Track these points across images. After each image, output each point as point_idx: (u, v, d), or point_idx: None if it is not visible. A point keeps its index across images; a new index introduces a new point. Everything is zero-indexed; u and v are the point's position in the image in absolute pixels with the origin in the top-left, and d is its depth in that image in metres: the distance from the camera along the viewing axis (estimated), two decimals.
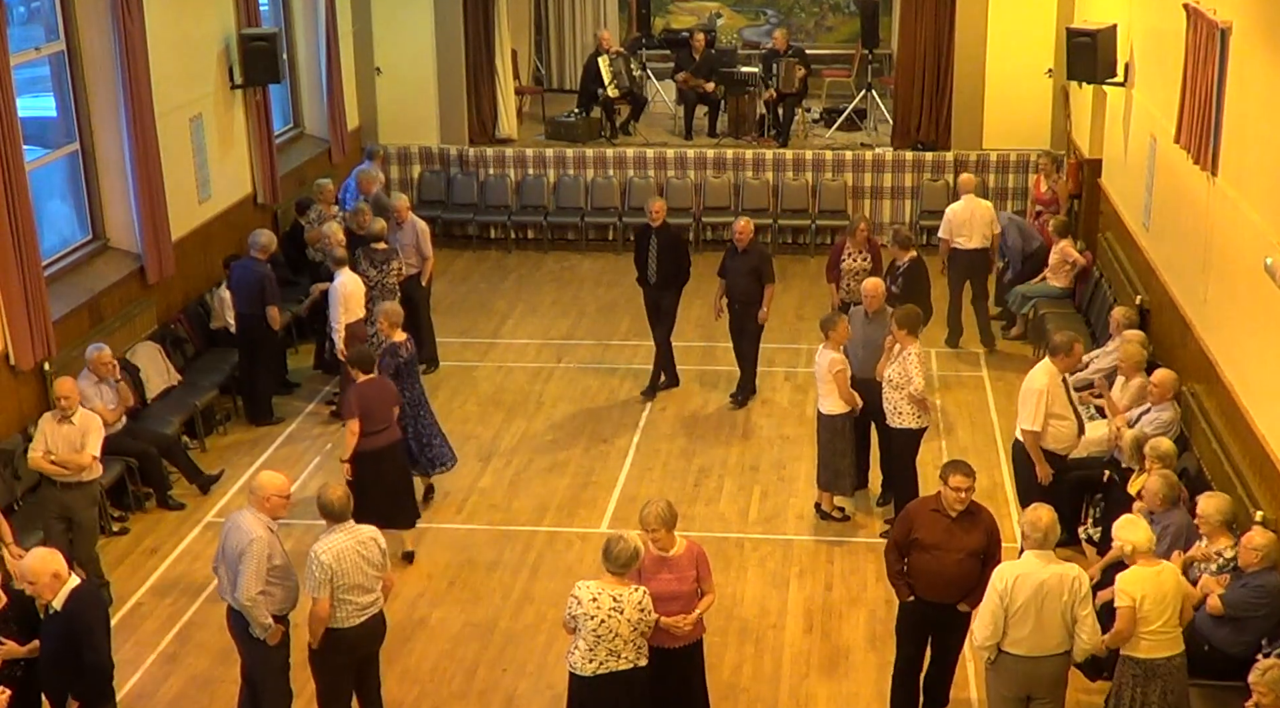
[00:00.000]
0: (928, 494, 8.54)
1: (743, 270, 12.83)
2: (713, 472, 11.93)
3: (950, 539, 7.95)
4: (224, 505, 11.34)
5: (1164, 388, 10.09)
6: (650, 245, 13.06)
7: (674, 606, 7.72)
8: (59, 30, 12.08)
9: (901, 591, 8.21)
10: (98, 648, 7.32)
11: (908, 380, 10.31)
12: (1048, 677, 7.53)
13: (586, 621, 7.32)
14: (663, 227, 13.05)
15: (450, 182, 18.33)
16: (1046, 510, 7.59)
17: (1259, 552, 7.91)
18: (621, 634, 7.35)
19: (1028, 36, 17.12)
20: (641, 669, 7.51)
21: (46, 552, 7.44)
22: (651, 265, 13.06)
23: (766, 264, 12.90)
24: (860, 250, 13.29)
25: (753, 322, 12.92)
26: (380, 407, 10.28)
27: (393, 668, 9.08)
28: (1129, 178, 13.44)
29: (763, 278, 12.81)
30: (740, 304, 12.93)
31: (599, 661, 7.38)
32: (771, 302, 12.95)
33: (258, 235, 12.83)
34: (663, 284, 13.12)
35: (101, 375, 10.82)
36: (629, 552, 7.37)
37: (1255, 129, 9.25)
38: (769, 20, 22.37)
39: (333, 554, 7.69)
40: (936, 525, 7.98)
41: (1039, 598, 7.32)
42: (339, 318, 12.39)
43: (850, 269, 13.30)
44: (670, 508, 7.77)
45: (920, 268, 12.76)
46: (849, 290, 13.18)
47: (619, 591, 7.36)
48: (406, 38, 18.10)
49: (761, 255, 12.97)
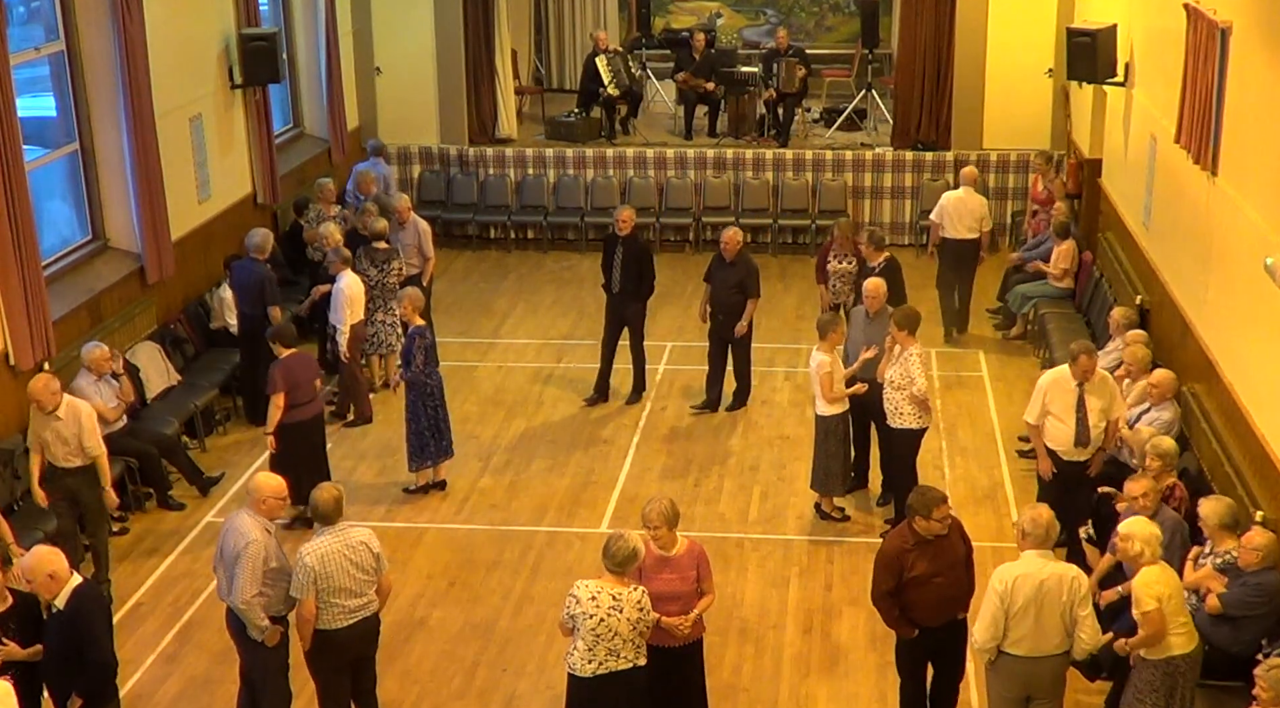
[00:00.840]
0: (896, 532, 8.10)
1: (729, 282, 12.68)
2: (713, 472, 11.93)
3: (941, 561, 7.84)
4: (224, 506, 11.34)
5: (1164, 388, 10.10)
6: (616, 254, 12.85)
7: (674, 605, 7.71)
8: (59, 30, 12.07)
9: (905, 629, 8.00)
10: (100, 646, 7.33)
11: (910, 381, 10.30)
12: (1047, 677, 7.53)
13: (585, 620, 7.30)
14: (630, 236, 12.84)
15: (450, 182, 18.33)
16: (1045, 509, 7.59)
17: (1259, 552, 7.92)
18: (621, 634, 7.34)
19: (1028, 36, 17.12)
20: (641, 669, 7.50)
21: (46, 551, 7.44)
22: (616, 274, 12.84)
23: (752, 278, 12.71)
24: (846, 253, 13.33)
25: (733, 335, 12.79)
26: (305, 381, 10.79)
27: (393, 668, 9.09)
28: (1129, 178, 13.44)
29: (746, 291, 12.67)
30: (724, 315, 12.79)
31: (598, 661, 7.36)
32: (751, 316, 12.75)
33: (253, 236, 12.82)
34: (625, 295, 12.90)
35: (100, 373, 10.82)
36: (627, 550, 7.35)
37: (1255, 129, 9.25)
38: (769, 20, 22.37)
39: (317, 557, 7.68)
40: (924, 556, 7.81)
41: (1039, 598, 7.32)
42: (345, 319, 12.40)
43: (836, 271, 13.40)
44: (673, 506, 7.77)
45: (895, 268, 12.66)
46: (836, 292, 13.40)
47: (618, 590, 7.35)
48: (406, 38, 18.11)
49: (748, 268, 12.73)
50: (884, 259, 12.74)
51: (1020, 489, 11.41)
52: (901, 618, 7.95)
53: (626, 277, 12.81)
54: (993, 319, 15.04)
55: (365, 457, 12.27)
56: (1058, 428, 9.85)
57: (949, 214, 14.43)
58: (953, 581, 7.88)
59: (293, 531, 10.51)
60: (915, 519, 7.80)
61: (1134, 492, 8.62)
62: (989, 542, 10.32)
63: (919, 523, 7.78)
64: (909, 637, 8.02)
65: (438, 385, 11.44)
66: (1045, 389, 9.89)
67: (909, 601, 7.88)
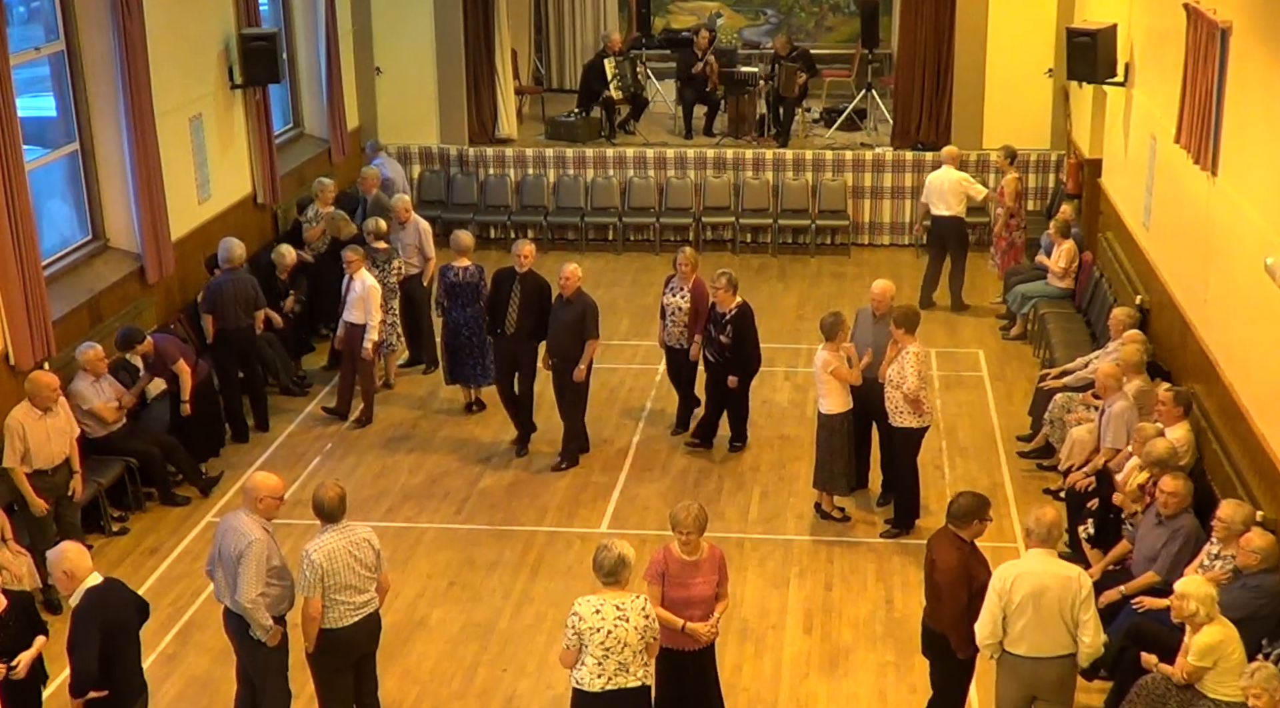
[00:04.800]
0: (945, 546, 7.75)
1: (565, 320, 11.53)
2: (712, 472, 11.93)
3: (985, 568, 7.74)
4: (224, 505, 11.33)
5: (1171, 407, 9.97)
6: (513, 293, 11.76)
7: (697, 611, 7.68)
8: (59, 30, 12.07)
9: (970, 647, 7.69)
10: (79, 653, 7.19)
11: (904, 379, 10.31)
12: (1052, 679, 7.49)
13: (593, 635, 7.17)
14: (529, 274, 11.79)
15: (450, 181, 18.33)
16: (1051, 509, 7.59)
17: (1257, 554, 7.93)
18: (630, 644, 7.21)
19: (1028, 36, 17.12)
20: (648, 689, 7.41)
21: (72, 549, 7.38)
22: (512, 315, 11.76)
23: (591, 317, 11.53)
24: (683, 287, 11.94)
25: (572, 380, 11.66)
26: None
27: (393, 668, 9.09)
28: (1129, 178, 13.45)
29: (584, 332, 11.52)
30: (559, 359, 11.66)
31: (608, 675, 7.21)
32: (590, 359, 11.61)
33: (231, 247, 12.47)
34: (521, 336, 11.84)
35: (97, 373, 10.83)
36: (614, 558, 7.25)
37: (1255, 129, 9.25)
38: (769, 20, 22.37)
39: (324, 554, 7.68)
40: (981, 563, 7.75)
41: (1036, 595, 7.30)
42: (375, 318, 12.44)
43: (670, 305, 12.04)
44: (703, 511, 7.74)
45: (747, 315, 11.63)
46: (668, 333, 12.10)
47: (621, 599, 7.25)
48: (406, 38, 18.10)
49: (586, 306, 11.54)
50: (737, 305, 11.59)
51: (1020, 489, 11.42)
52: (971, 635, 7.61)
53: (525, 317, 11.77)
54: (999, 322, 15.04)
55: (365, 457, 12.27)
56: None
57: (933, 192, 15.29)
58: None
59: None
60: (971, 525, 7.68)
61: (1166, 489, 8.69)
62: (989, 542, 10.20)
63: (974, 527, 7.69)
64: (969, 655, 7.79)
65: (477, 315, 12.32)
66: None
67: (976, 613, 7.57)
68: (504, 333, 11.91)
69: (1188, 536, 8.61)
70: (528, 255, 11.83)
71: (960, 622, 7.64)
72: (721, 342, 11.61)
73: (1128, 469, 9.77)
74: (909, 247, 17.52)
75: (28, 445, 9.78)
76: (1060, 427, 11.37)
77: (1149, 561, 8.74)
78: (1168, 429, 9.75)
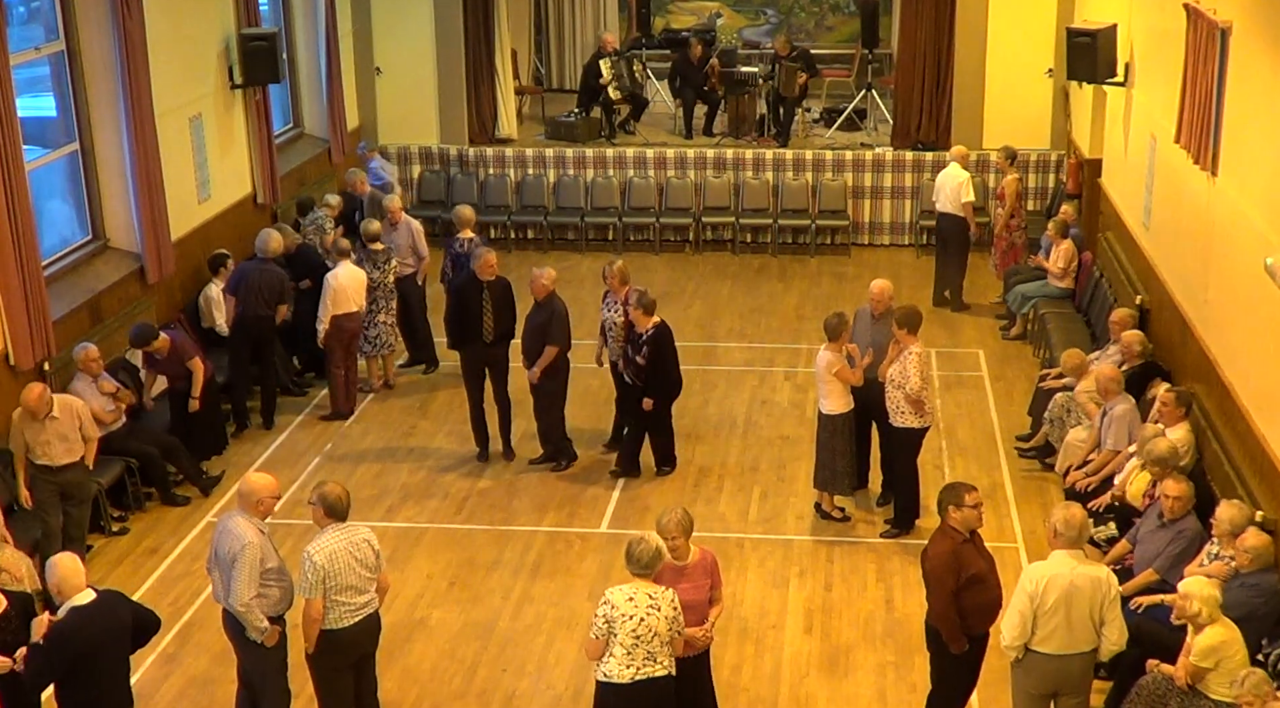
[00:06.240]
0: (937, 537, 7.80)
1: (533, 325, 11.57)
2: (712, 472, 11.93)
3: (985, 559, 7.77)
4: (224, 505, 11.32)
5: (1172, 407, 9.98)
6: (485, 302, 11.71)
7: (690, 616, 7.63)
8: (59, 30, 12.07)
9: (961, 641, 7.76)
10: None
11: (906, 379, 10.31)
12: (1077, 673, 7.52)
13: (624, 623, 7.18)
14: (497, 280, 11.81)
15: (450, 182, 18.33)
16: (1079, 509, 7.58)
17: (1250, 554, 7.95)
18: (660, 634, 7.23)
19: (1028, 36, 17.12)
20: (673, 679, 7.41)
21: (67, 562, 7.39)
22: (487, 324, 11.74)
23: (556, 323, 11.50)
24: (616, 301, 11.70)
25: (539, 381, 11.63)
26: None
27: (393, 668, 9.08)
28: (1129, 178, 13.44)
29: (546, 338, 11.49)
30: (530, 361, 11.66)
31: (636, 666, 7.22)
32: (546, 364, 11.51)
33: (268, 239, 12.81)
34: (499, 339, 11.89)
35: (94, 374, 10.84)
36: (651, 551, 7.28)
37: (1255, 129, 9.25)
38: (769, 20, 22.38)
39: (325, 555, 7.68)
40: (976, 552, 7.74)
41: (1068, 597, 7.30)
42: (326, 310, 12.44)
43: (607, 321, 11.83)
44: (687, 515, 7.72)
45: (665, 336, 11.29)
46: (610, 349, 11.84)
47: (653, 589, 7.28)
48: (406, 38, 18.11)
49: (554, 312, 11.52)
50: (654, 325, 11.23)
51: (1020, 489, 11.42)
52: (960, 628, 7.70)
53: (500, 322, 11.81)
54: (999, 322, 15.04)
55: (365, 457, 12.26)
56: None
57: (938, 190, 15.53)
58: (998, 582, 7.84)
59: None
60: (950, 512, 7.70)
61: (1170, 493, 8.69)
62: (989, 542, 10.16)
63: (955, 516, 7.69)
64: (961, 651, 7.81)
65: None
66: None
67: (969, 606, 7.67)
68: (483, 342, 11.84)
69: (1191, 538, 8.62)
70: (493, 264, 11.82)
71: (947, 612, 7.65)
72: (638, 363, 11.28)
73: (1127, 470, 9.78)
74: (909, 246, 17.52)
75: (28, 443, 9.98)
76: (1060, 426, 11.37)
77: (1151, 563, 8.74)
78: (1168, 430, 9.75)
